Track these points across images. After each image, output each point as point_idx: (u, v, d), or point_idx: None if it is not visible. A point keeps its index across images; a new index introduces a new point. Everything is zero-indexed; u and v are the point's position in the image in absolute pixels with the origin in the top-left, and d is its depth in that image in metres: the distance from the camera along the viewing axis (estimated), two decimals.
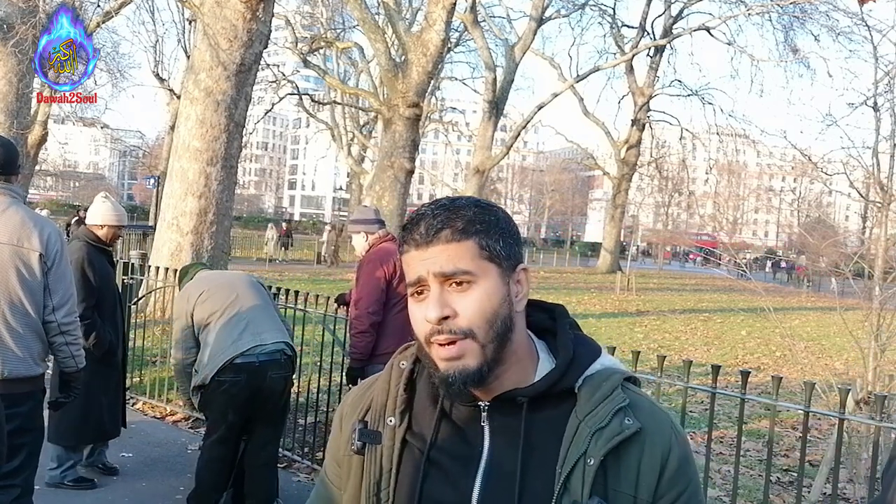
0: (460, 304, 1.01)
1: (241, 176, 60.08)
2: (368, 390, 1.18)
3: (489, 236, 1.04)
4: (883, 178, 5.50)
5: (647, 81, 33.22)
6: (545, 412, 1.06)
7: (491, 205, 1.08)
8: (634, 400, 1.07)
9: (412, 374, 1.13)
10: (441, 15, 12.00)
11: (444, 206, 1.05)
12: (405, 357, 1.15)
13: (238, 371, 3.66)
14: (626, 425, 1.03)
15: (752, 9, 24.12)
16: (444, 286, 1.02)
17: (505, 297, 1.04)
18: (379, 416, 1.12)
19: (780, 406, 3.24)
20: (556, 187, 73.43)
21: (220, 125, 8.22)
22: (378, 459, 1.10)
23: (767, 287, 17.50)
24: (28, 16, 12.61)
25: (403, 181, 12.75)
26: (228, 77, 8.16)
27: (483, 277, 1.02)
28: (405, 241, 1.05)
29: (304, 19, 29.45)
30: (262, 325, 3.80)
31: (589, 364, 1.09)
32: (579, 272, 34.22)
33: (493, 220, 1.05)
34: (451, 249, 1.01)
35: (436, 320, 1.00)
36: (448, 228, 1.02)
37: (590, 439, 1.02)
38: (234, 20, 8.01)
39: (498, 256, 1.04)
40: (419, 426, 1.10)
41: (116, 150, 65.38)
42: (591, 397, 1.05)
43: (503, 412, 1.06)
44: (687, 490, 1.05)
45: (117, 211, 4.39)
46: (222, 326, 3.74)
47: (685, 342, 13.24)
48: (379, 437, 1.10)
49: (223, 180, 8.42)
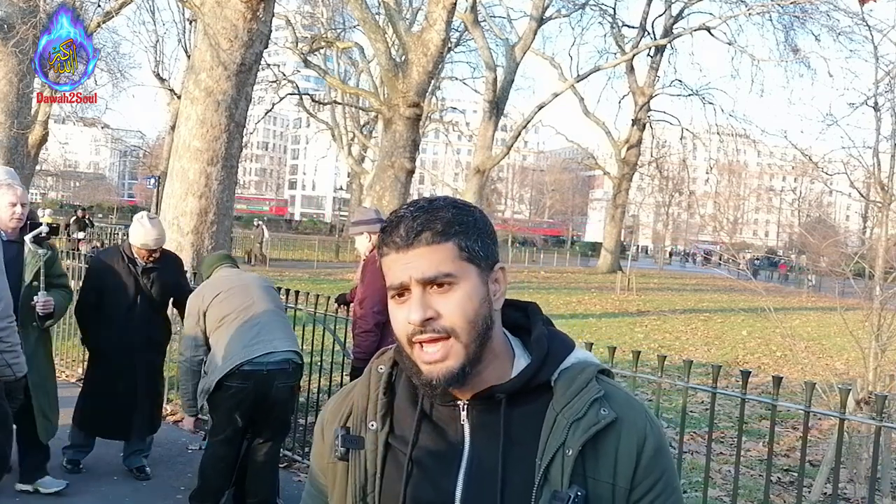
0: (442, 306, 1.03)
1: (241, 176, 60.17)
2: (347, 397, 1.19)
3: (468, 237, 1.05)
4: (883, 178, 5.50)
5: (647, 81, 33.22)
6: (523, 407, 1.08)
7: (468, 205, 1.10)
8: (609, 391, 1.10)
9: (391, 378, 1.15)
10: (441, 15, 12.00)
11: (423, 207, 1.06)
12: (382, 362, 1.17)
13: (246, 378, 3.71)
14: (602, 415, 1.05)
15: (752, 9, 24.12)
16: (426, 288, 1.03)
17: (485, 297, 1.06)
18: (360, 422, 1.13)
19: (780, 406, 3.23)
20: (557, 187, 73.40)
21: (221, 125, 8.22)
22: (362, 464, 1.11)
23: (768, 287, 17.51)
24: (28, 16, 12.61)
25: (404, 181, 12.75)
26: (229, 77, 8.15)
27: (463, 279, 1.04)
28: (385, 243, 1.05)
29: (304, 19, 29.46)
30: (274, 333, 3.83)
31: (563, 358, 1.11)
32: (580, 272, 34.21)
33: (472, 221, 1.06)
34: (432, 252, 1.03)
35: (419, 322, 1.02)
36: (428, 231, 1.03)
37: (567, 430, 1.04)
38: (234, 20, 8.01)
39: (477, 257, 1.05)
40: (400, 429, 1.11)
41: (117, 150, 65.43)
42: (566, 390, 1.07)
43: (482, 410, 1.08)
44: (663, 478, 1.07)
45: (146, 233, 4.41)
46: (234, 330, 3.77)
47: (686, 342, 13.24)
48: (362, 442, 1.12)
49: (223, 180, 8.41)
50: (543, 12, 24.86)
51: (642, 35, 31.61)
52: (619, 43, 31.25)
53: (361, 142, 32.45)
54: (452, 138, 41.40)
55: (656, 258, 45.13)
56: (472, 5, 21.60)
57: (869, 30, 7.00)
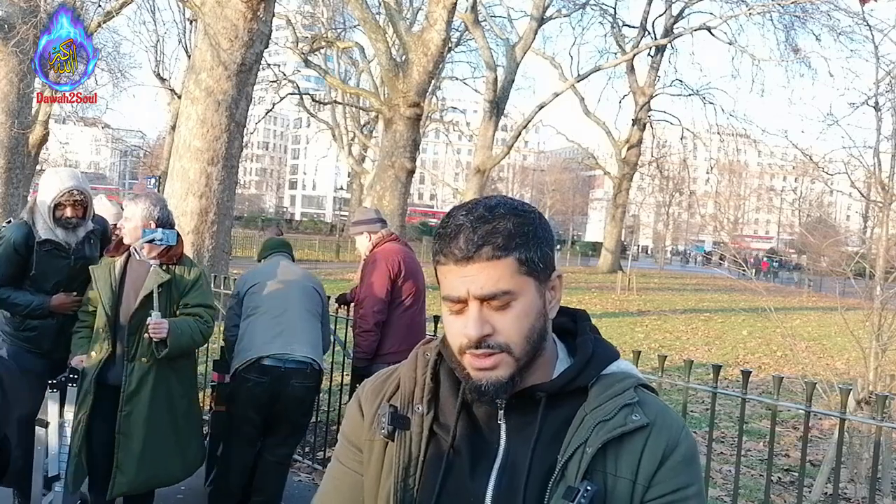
0: (499, 323, 1.01)
1: (241, 176, 60.16)
2: (391, 377, 1.18)
3: (529, 249, 1.02)
4: (884, 178, 5.50)
5: (647, 81, 33.22)
6: (560, 409, 1.07)
7: (528, 210, 1.06)
8: (646, 400, 1.08)
9: (436, 366, 1.14)
10: (442, 14, 11.99)
11: (484, 217, 1.02)
12: (429, 349, 1.16)
13: (263, 372, 3.75)
14: (631, 420, 1.03)
15: (753, 8, 24.09)
16: (483, 304, 1.01)
17: (541, 311, 1.05)
18: (407, 403, 1.13)
19: (781, 406, 3.23)
20: (557, 187, 73.34)
21: (221, 125, 8.22)
22: (407, 445, 1.10)
23: (769, 287, 17.51)
24: (29, 16, 12.62)
25: (404, 181, 12.74)
26: (229, 77, 8.15)
27: (522, 294, 1.02)
28: (443, 252, 1.03)
29: (304, 19, 29.43)
30: (297, 336, 3.85)
31: (605, 365, 1.10)
32: (580, 272, 34.21)
33: (532, 231, 1.03)
34: (492, 268, 1.00)
35: (476, 339, 1.01)
36: (489, 245, 1.00)
37: (592, 430, 1.03)
38: (234, 20, 8.00)
39: (536, 269, 1.03)
40: (444, 417, 1.11)
41: (117, 150, 65.39)
42: (600, 394, 1.06)
43: (520, 410, 1.08)
44: (689, 488, 1.04)
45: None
46: (260, 325, 3.83)
47: (686, 342, 13.24)
48: (408, 422, 1.11)
49: (224, 180, 8.41)
50: (544, 12, 24.85)
51: (643, 35, 31.61)
52: (620, 43, 31.25)
53: (362, 142, 32.43)
54: (453, 138, 41.40)
55: (657, 258, 45.12)
56: (473, 5, 21.59)
57: (869, 29, 7.00)
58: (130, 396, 3.35)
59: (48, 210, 3.54)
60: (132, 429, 3.36)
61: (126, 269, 3.49)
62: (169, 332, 3.30)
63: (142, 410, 3.36)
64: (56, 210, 3.56)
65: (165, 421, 3.43)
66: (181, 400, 3.52)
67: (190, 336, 3.41)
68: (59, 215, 3.57)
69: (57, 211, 3.56)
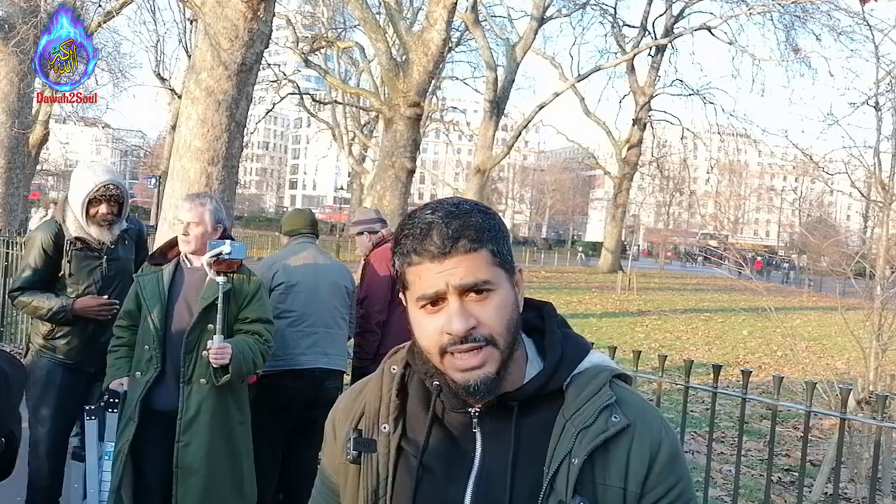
0: (481, 314, 1.01)
1: (242, 175, 60.01)
2: (360, 395, 1.16)
3: (498, 242, 1.03)
4: (884, 178, 5.50)
5: (648, 81, 33.21)
6: (536, 414, 1.06)
7: (489, 208, 1.08)
8: (623, 396, 1.07)
9: (403, 379, 1.12)
10: (442, 14, 11.98)
11: (452, 213, 1.02)
12: (395, 362, 1.14)
13: (298, 377, 3.71)
14: (611, 423, 1.03)
15: (753, 8, 24.07)
16: (463, 297, 1.00)
17: (515, 302, 1.05)
18: (373, 423, 1.11)
19: (781, 406, 3.23)
20: (558, 187, 73.32)
21: (222, 125, 8.20)
22: (374, 468, 1.09)
23: (769, 287, 17.51)
24: (29, 16, 12.61)
25: (405, 181, 12.73)
26: (230, 77, 8.14)
27: (498, 285, 1.02)
28: (416, 251, 1.01)
29: (305, 19, 29.42)
30: (329, 344, 3.82)
31: (577, 363, 1.08)
32: (580, 272, 34.21)
33: (497, 225, 1.05)
34: (470, 259, 1.00)
35: (463, 333, 0.99)
36: (464, 238, 1.00)
37: (575, 438, 1.02)
38: (235, 20, 7.99)
39: (506, 262, 1.04)
40: (413, 432, 1.09)
41: (118, 150, 65.33)
42: (577, 396, 1.05)
43: (494, 417, 1.06)
44: (678, 485, 1.04)
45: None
46: (292, 334, 3.72)
47: (686, 342, 13.24)
48: (374, 445, 1.09)
49: (224, 180, 8.39)
50: (544, 12, 24.84)
51: (643, 35, 31.59)
52: (620, 42, 31.23)
53: (362, 141, 32.43)
54: (453, 138, 41.35)
55: (657, 258, 45.12)
56: (473, 5, 21.58)
57: (870, 29, 7.00)
58: (189, 424, 2.97)
59: (81, 206, 3.26)
60: (192, 461, 2.98)
61: (174, 278, 3.12)
62: (232, 357, 2.94)
63: (202, 441, 2.98)
64: (90, 206, 3.27)
65: (224, 452, 3.06)
66: (239, 428, 3.14)
67: (252, 360, 3.04)
68: (92, 212, 3.28)
69: (91, 207, 3.28)
